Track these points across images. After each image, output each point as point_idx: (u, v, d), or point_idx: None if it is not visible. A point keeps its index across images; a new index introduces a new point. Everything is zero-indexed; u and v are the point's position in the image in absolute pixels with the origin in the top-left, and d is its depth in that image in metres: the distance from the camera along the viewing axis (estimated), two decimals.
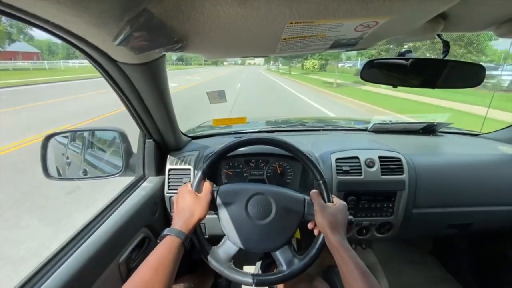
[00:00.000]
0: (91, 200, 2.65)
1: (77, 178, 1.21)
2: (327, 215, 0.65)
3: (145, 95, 0.70)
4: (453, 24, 0.55)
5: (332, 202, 0.69)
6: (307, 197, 0.72)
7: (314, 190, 0.72)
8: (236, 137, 1.30)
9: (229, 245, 0.69)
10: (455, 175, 1.06)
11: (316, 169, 0.71)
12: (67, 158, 1.17)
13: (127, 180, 1.03)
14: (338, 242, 0.61)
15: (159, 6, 0.31)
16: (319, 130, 1.41)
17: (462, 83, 0.70)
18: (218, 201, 0.71)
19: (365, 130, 1.40)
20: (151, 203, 0.94)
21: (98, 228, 0.72)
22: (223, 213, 0.70)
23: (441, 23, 0.52)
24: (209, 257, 0.67)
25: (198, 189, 0.69)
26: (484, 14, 0.53)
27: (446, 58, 0.66)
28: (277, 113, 6.80)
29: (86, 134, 1.14)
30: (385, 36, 0.53)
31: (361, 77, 0.71)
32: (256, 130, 1.38)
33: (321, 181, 0.71)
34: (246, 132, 1.37)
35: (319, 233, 0.68)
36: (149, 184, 0.98)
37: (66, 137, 1.17)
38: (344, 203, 0.70)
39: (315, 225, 0.68)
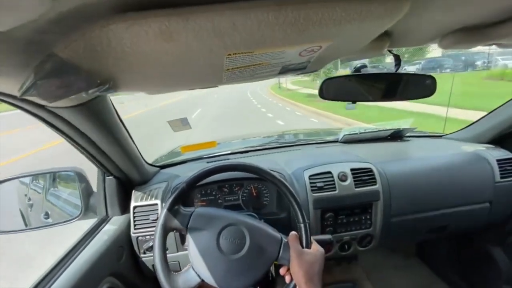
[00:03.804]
0: None
1: (29, 229, 1.08)
2: (304, 263, 0.60)
3: (93, 135, 0.65)
4: (398, 40, 0.56)
5: (310, 248, 0.65)
6: (284, 238, 0.67)
7: (293, 233, 0.67)
8: (208, 162, 1.26)
9: (191, 275, 0.63)
10: (424, 180, 1.08)
11: (300, 211, 0.68)
12: (29, 199, 1.07)
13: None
14: None
15: (67, 49, 0.27)
16: (292, 146, 1.40)
17: (416, 94, 0.72)
18: (191, 224, 0.66)
19: (336, 141, 1.41)
20: (115, 247, 0.86)
21: (51, 286, 0.63)
22: (193, 238, 0.65)
23: (386, 41, 0.53)
24: (165, 283, 0.60)
25: None
26: (427, 28, 0.55)
27: (398, 71, 0.68)
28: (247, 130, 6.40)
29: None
30: (334, 57, 0.53)
31: (320, 96, 0.71)
32: (229, 151, 1.34)
33: (302, 225, 0.67)
34: (219, 155, 1.32)
35: (291, 281, 0.63)
36: (112, 226, 0.90)
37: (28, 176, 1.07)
38: (323, 250, 0.66)
39: (288, 270, 0.63)
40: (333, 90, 0.71)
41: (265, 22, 0.30)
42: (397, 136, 1.39)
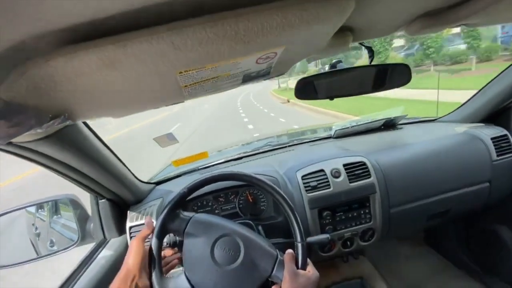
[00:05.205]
0: None
1: (37, 258, 1.08)
2: (296, 286, 0.58)
3: (73, 162, 0.65)
4: (362, 33, 0.55)
5: (305, 269, 0.63)
6: (280, 256, 0.65)
7: (289, 252, 0.65)
8: (202, 173, 1.25)
9: (182, 281, 0.62)
10: (420, 166, 1.06)
11: (299, 228, 0.67)
12: (36, 229, 1.09)
13: None
14: None
15: (8, 91, 0.27)
16: (285, 147, 1.39)
17: (392, 84, 0.71)
18: (188, 229, 0.66)
19: (330, 137, 1.40)
20: (115, 270, 0.85)
21: None
22: (188, 243, 0.65)
23: (349, 36, 0.53)
24: (155, 283, 0.60)
25: None
26: (389, 18, 0.54)
27: (372, 63, 0.67)
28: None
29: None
30: (297, 59, 0.52)
31: (296, 97, 0.70)
32: (222, 160, 1.34)
33: (299, 244, 0.66)
34: (213, 165, 1.32)
35: None
36: (110, 248, 0.90)
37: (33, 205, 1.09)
38: (318, 274, 0.64)
39: None
40: (308, 90, 0.71)
41: (205, 39, 0.30)
42: (390, 125, 1.38)
